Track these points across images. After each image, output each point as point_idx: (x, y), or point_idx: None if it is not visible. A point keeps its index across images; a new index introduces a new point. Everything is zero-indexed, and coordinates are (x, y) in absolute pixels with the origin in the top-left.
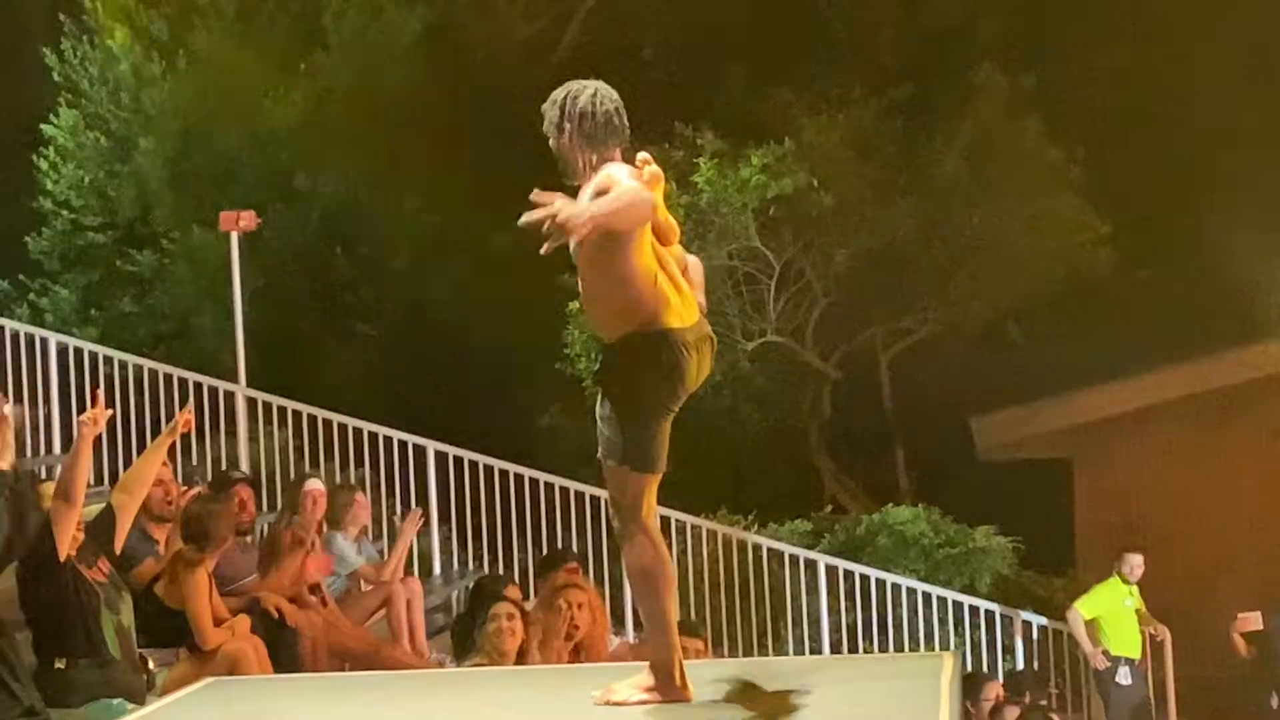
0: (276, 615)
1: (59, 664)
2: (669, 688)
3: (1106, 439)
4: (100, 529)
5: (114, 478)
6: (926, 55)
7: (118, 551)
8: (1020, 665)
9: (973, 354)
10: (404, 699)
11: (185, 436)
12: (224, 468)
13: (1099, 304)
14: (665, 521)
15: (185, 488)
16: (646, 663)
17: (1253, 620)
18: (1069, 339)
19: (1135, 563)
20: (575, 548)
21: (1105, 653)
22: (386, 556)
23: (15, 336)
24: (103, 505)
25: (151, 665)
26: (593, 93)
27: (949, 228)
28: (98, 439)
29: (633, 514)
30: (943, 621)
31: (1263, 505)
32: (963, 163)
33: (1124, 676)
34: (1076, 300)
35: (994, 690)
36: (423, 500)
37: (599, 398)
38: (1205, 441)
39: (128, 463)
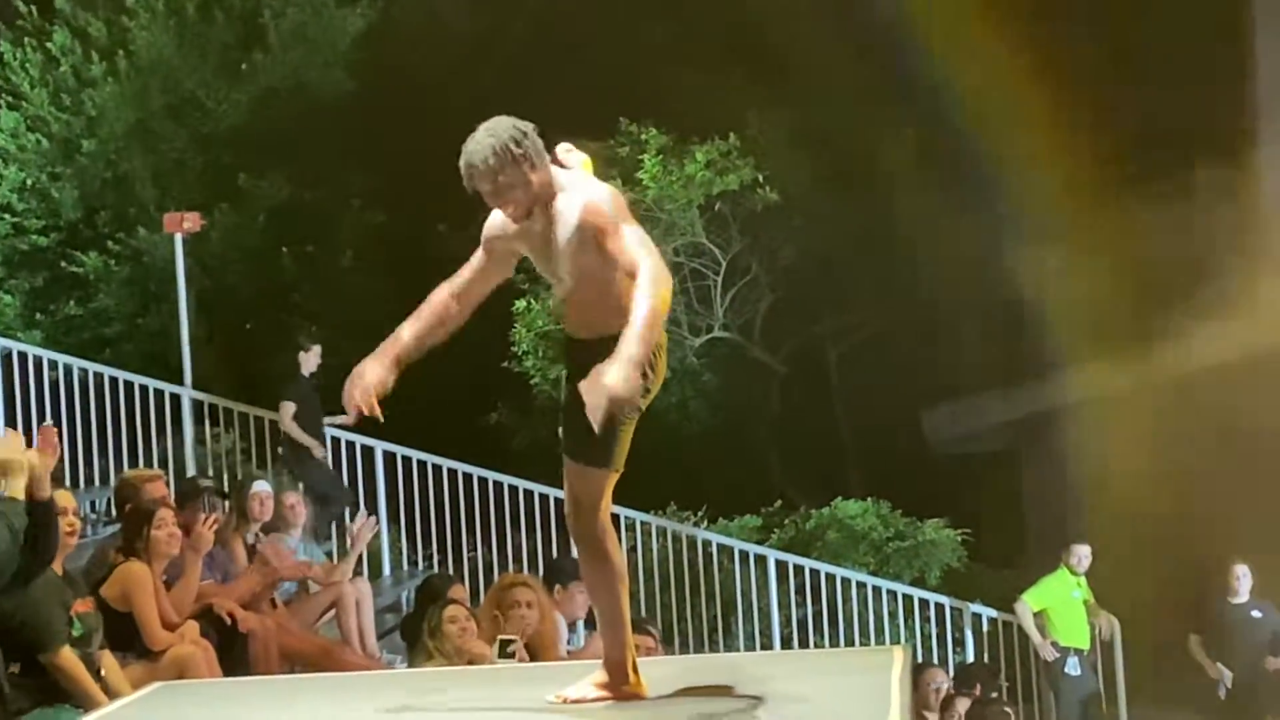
0: (229, 620)
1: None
2: (624, 685)
3: (1052, 430)
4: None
5: (58, 484)
6: (869, 50)
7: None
8: (971, 658)
9: (921, 348)
10: (354, 700)
11: (130, 439)
12: (191, 475)
13: (1041, 296)
14: (615, 518)
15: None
16: (599, 661)
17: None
18: (1010, 332)
19: (1082, 554)
20: (525, 546)
21: (1054, 644)
22: (335, 559)
23: None
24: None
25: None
26: (522, 127)
27: (895, 222)
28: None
29: (593, 513)
30: (893, 615)
31: (1209, 494)
32: (907, 157)
33: (1073, 667)
34: (1016, 295)
35: (937, 677)
36: (371, 500)
37: (567, 398)
38: (1151, 432)
39: (71, 466)
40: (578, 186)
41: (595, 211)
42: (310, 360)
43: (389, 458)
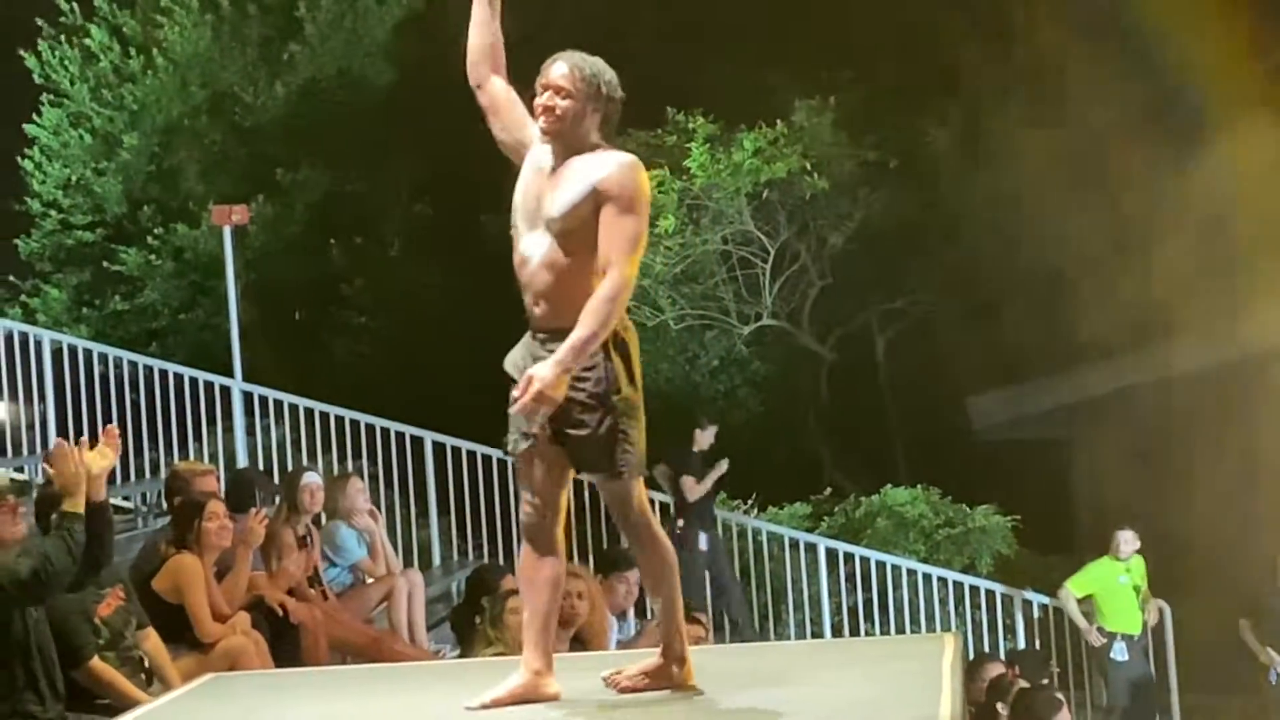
0: (281, 612)
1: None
2: (679, 676)
3: (1103, 416)
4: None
5: (110, 477)
6: (916, 35)
7: None
8: (1021, 644)
9: (969, 334)
10: (405, 691)
11: (181, 431)
12: (242, 467)
13: (1094, 281)
14: (664, 508)
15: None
16: (653, 649)
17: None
18: (1065, 316)
19: (1126, 539)
20: (574, 536)
21: (1100, 629)
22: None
23: (9, 336)
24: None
25: (146, 664)
26: (614, 82)
27: (942, 207)
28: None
29: (645, 517)
30: (943, 602)
31: (1259, 479)
32: (954, 142)
33: (1120, 653)
34: (1067, 278)
35: (994, 669)
36: (421, 491)
37: (580, 406)
38: (1200, 417)
39: (122, 459)
40: (618, 157)
41: (628, 180)
42: (704, 438)
43: (438, 448)
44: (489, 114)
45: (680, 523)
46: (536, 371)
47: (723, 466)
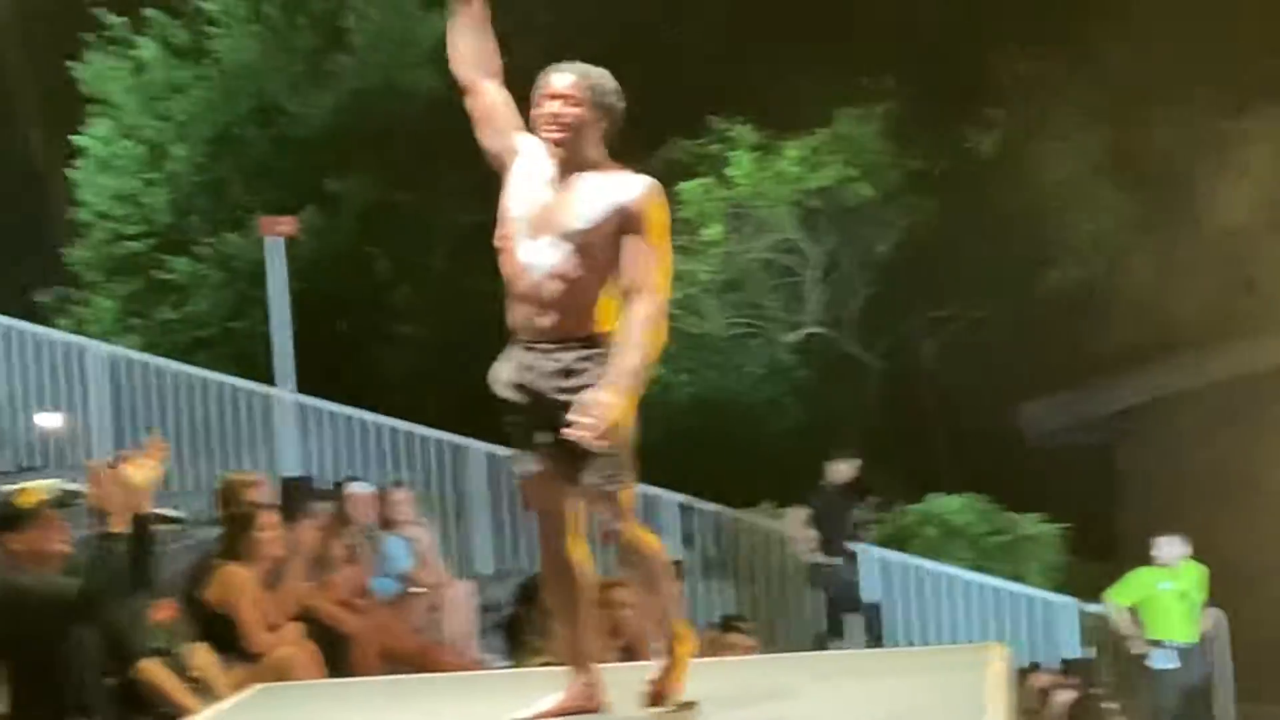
0: (331, 623)
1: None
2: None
3: (1152, 422)
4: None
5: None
6: (958, 41)
7: None
8: (1071, 654)
9: (1016, 340)
10: (454, 701)
11: (230, 441)
12: (291, 477)
13: (1142, 285)
14: (709, 516)
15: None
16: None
17: None
18: (1110, 323)
19: (1164, 545)
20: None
21: (1145, 639)
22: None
23: (59, 346)
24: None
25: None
26: (616, 90)
27: (987, 214)
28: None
29: (634, 525)
30: (991, 611)
31: None
32: (999, 148)
33: (1165, 660)
34: (1114, 283)
35: (1043, 680)
36: (468, 500)
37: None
38: (1254, 421)
39: (173, 469)
40: (644, 179)
41: (655, 204)
42: (842, 471)
43: (486, 457)
44: (479, 121)
45: (813, 554)
46: (598, 399)
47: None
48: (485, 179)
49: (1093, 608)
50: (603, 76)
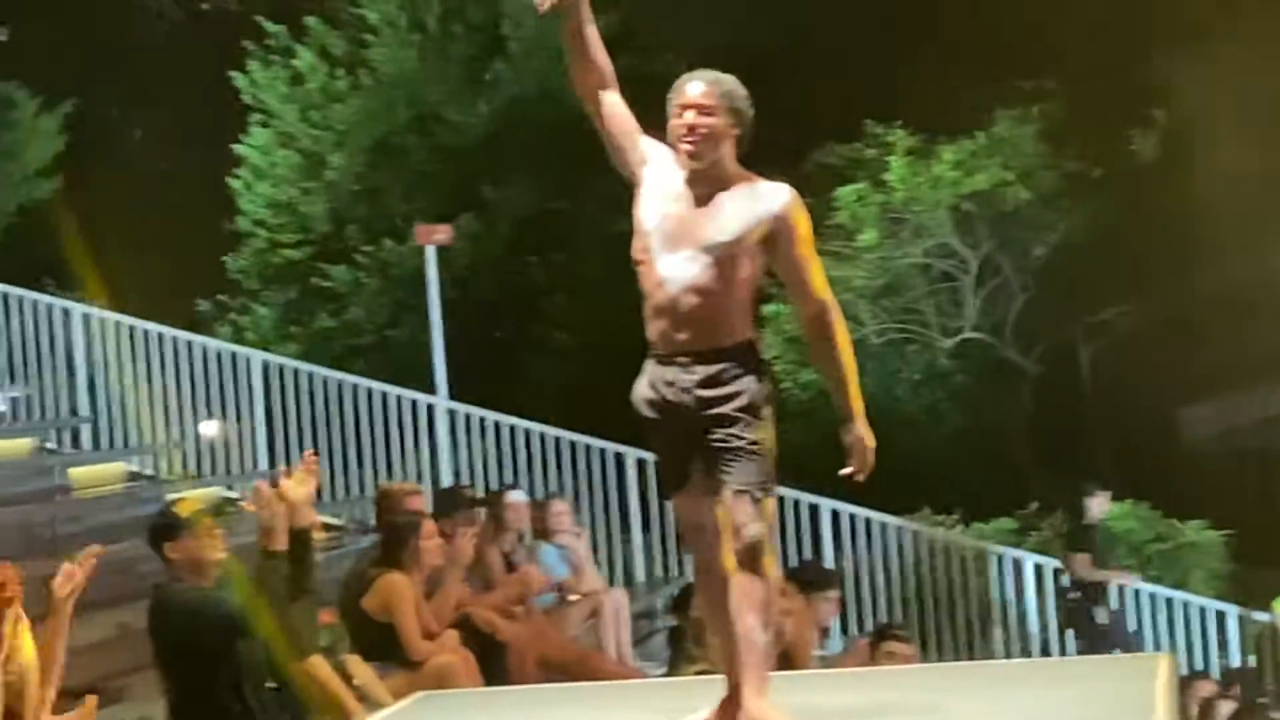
0: (489, 630)
1: None
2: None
3: None
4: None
5: (318, 494)
6: (1118, 43)
7: None
8: (1236, 663)
9: (1177, 345)
10: (611, 709)
11: (387, 451)
12: (448, 486)
13: None
14: (866, 523)
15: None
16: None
17: None
18: (1271, 326)
19: None
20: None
21: None
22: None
23: (218, 355)
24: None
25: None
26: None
27: (1148, 217)
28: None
29: (763, 538)
30: (1154, 619)
31: None
32: (1160, 150)
33: None
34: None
35: (1206, 689)
36: (623, 508)
37: (730, 420)
38: None
39: (330, 478)
40: (786, 187)
41: (801, 211)
42: (1097, 506)
43: (641, 464)
44: (608, 135)
45: (1074, 595)
46: (859, 437)
47: (1129, 578)
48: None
49: (1258, 615)
50: (735, 84)
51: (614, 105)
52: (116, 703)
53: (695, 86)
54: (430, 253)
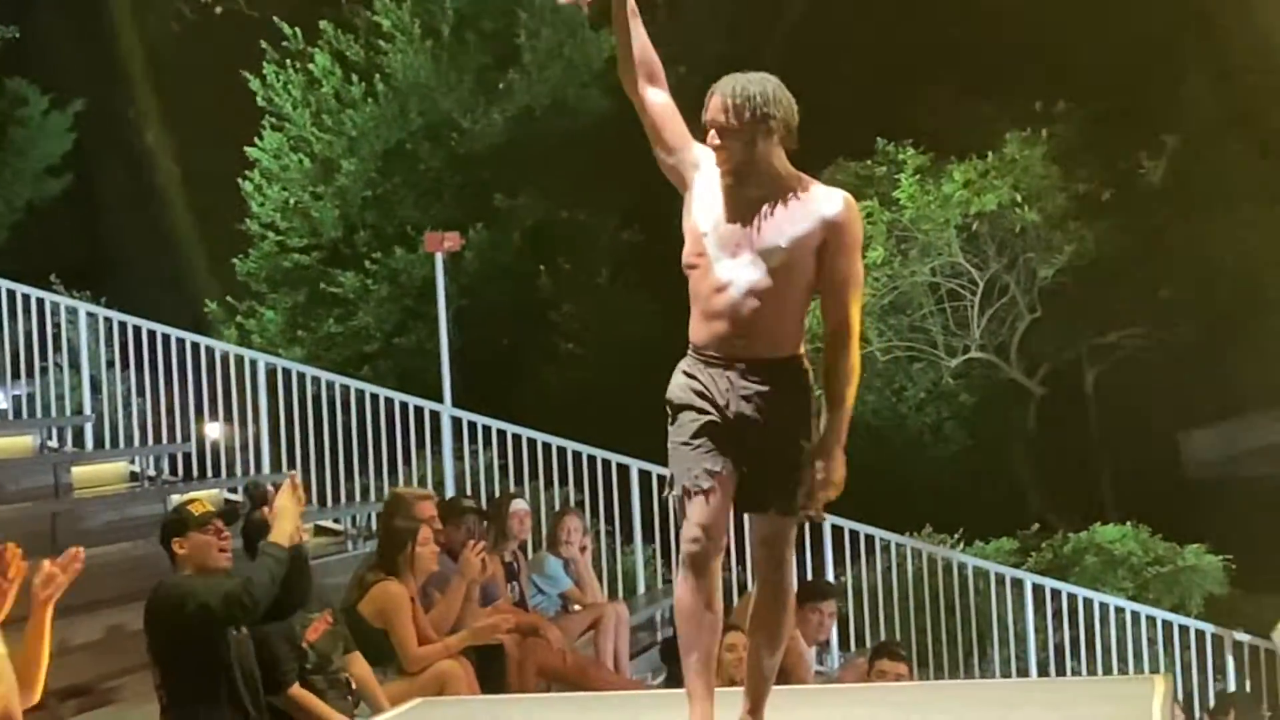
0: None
1: None
2: None
3: None
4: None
5: (321, 499)
6: (1131, 68)
7: None
8: (1232, 686)
9: (1180, 368)
10: (612, 719)
11: (391, 456)
12: (453, 495)
13: None
14: (870, 540)
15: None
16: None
17: None
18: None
19: None
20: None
21: None
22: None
23: (225, 357)
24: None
25: (354, 686)
26: (783, 97)
27: (1156, 241)
28: (306, 460)
29: (791, 562)
30: (1152, 642)
31: None
32: (1170, 175)
33: None
34: None
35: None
36: (626, 518)
37: (778, 436)
38: None
39: (333, 482)
40: (843, 193)
41: (856, 219)
42: None
43: (644, 476)
44: (655, 132)
45: None
46: (833, 467)
47: None
48: (647, 198)
49: (1255, 640)
50: (762, 84)
51: (664, 104)
52: (107, 705)
53: (715, 103)
54: (439, 260)
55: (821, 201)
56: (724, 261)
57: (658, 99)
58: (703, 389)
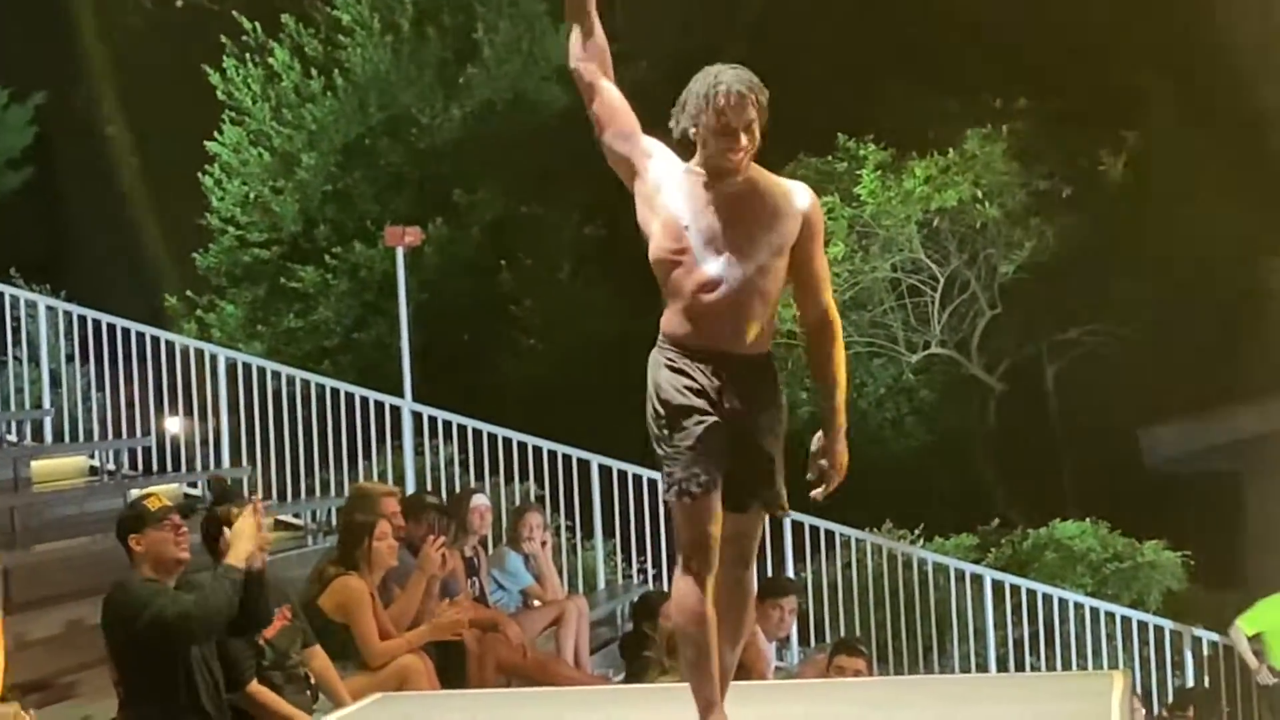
0: (458, 637)
1: None
2: None
3: (1277, 451)
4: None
5: (281, 494)
6: (1090, 65)
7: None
8: (1190, 682)
9: (1140, 365)
10: (571, 715)
11: (351, 452)
12: (414, 491)
13: (1272, 311)
14: (830, 536)
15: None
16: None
17: None
18: (1238, 349)
19: None
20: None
21: (1271, 668)
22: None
23: (185, 352)
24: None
25: (313, 680)
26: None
27: (1116, 238)
28: (266, 455)
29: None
30: (1110, 637)
31: None
32: (1129, 172)
33: None
34: (1246, 309)
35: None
36: (586, 514)
37: (761, 432)
38: None
39: (294, 477)
40: (805, 186)
41: (820, 210)
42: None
43: (604, 471)
44: (603, 121)
45: None
46: (838, 451)
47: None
48: (609, 193)
49: (1213, 636)
50: (752, 76)
51: (614, 94)
52: (65, 700)
53: (747, 109)
54: (400, 255)
55: (793, 195)
56: (710, 258)
57: (610, 87)
58: (699, 388)
